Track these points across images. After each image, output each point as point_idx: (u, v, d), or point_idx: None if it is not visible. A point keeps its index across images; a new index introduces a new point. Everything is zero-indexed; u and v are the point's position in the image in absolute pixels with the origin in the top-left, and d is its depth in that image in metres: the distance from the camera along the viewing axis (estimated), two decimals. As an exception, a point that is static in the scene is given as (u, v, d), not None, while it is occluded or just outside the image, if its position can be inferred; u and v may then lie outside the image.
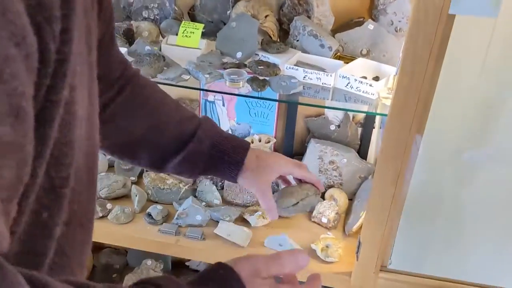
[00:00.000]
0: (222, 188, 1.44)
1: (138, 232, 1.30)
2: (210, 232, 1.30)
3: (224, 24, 1.30)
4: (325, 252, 1.21)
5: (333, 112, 1.37)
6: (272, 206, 0.82)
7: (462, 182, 1.19)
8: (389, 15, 1.21)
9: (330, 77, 1.12)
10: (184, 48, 1.22)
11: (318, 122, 1.41)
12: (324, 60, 1.19)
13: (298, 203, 0.86)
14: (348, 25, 1.25)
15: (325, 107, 1.32)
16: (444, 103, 1.05)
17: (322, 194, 1.13)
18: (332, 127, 1.40)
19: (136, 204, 1.35)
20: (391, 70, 1.15)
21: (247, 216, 1.34)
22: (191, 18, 1.34)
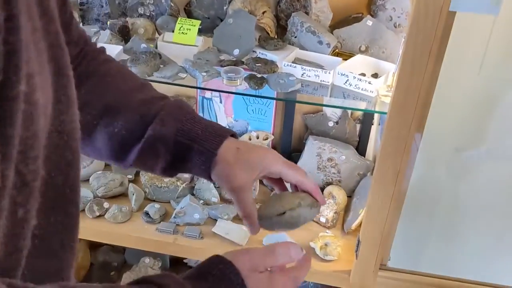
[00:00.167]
0: (220, 186, 1.43)
1: (135, 231, 1.30)
2: (208, 230, 1.30)
3: (220, 20, 1.29)
4: (324, 250, 1.21)
5: (331, 108, 1.36)
6: (250, 213, 0.66)
7: (461, 180, 1.18)
8: (388, 11, 1.20)
9: (328, 74, 1.11)
10: (180, 45, 1.20)
11: (316, 118, 1.40)
12: (322, 57, 1.18)
13: (284, 214, 0.66)
14: (346, 20, 1.23)
15: (323, 105, 1.31)
16: (443, 101, 1.04)
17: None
18: (330, 124, 1.39)
19: (133, 202, 1.34)
20: (390, 67, 1.14)
21: (245, 214, 1.33)
22: (187, 14, 1.32)
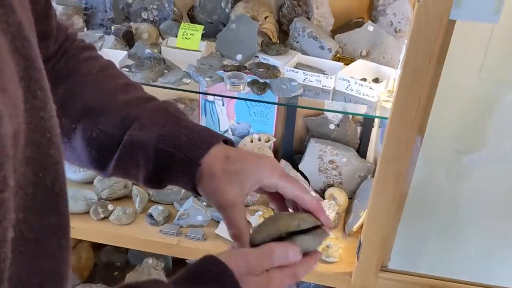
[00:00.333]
0: (222, 187, 1.45)
1: (139, 233, 1.31)
2: (211, 232, 1.32)
3: (223, 25, 1.30)
4: (325, 252, 1.23)
5: (331, 113, 1.38)
6: (240, 234, 0.56)
7: (461, 182, 1.20)
8: (388, 16, 1.21)
9: (330, 79, 1.13)
10: (184, 50, 1.22)
11: (317, 121, 1.42)
12: (324, 62, 1.19)
13: (280, 239, 0.55)
14: (347, 25, 1.25)
15: (324, 110, 1.33)
16: (444, 104, 1.06)
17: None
18: (331, 127, 1.40)
19: (137, 205, 1.36)
20: (391, 72, 1.15)
21: (248, 216, 1.35)
22: (190, 19, 1.34)
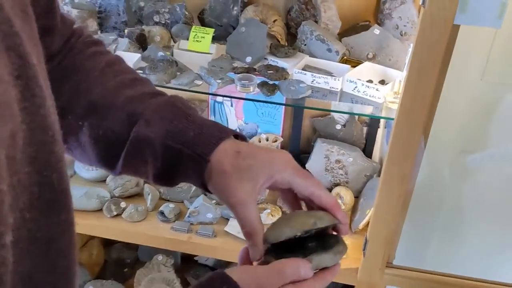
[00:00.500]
0: (231, 186, 1.49)
1: (151, 229, 1.35)
2: (220, 229, 1.35)
3: (233, 28, 1.34)
4: (332, 249, 1.26)
5: (338, 114, 1.41)
6: (253, 232, 0.53)
7: (464, 182, 1.23)
8: (394, 20, 1.24)
9: (337, 81, 1.16)
10: (195, 52, 1.25)
11: (324, 121, 1.45)
12: (331, 64, 1.23)
13: (296, 238, 0.53)
14: (354, 29, 1.28)
15: (331, 111, 1.36)
16: (448, 106, 1.09)
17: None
18: (338, 127, 1.44)
19: (149, 202, 1.40)
20: (397, 74, 1.19)
21: (256, 213, 1.38)
22: (201, 22, 1.38)
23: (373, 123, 1.43)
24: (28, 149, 0.38)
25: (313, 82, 1.17)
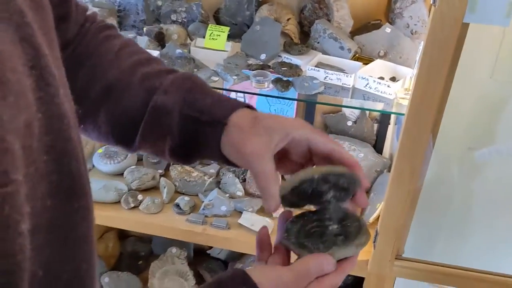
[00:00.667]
0: (244, 180, 1.53)
1: (167, 221, 1.39)
2: (234, 222, 1.39)
3: (247, 26, 1.38)
4: (343, 241, 1.29)
5: (350, 109, 1.45)
6: (270, 183, 0.52)
7: (472, 177, 1.26)
8: (405, 19, 1.28)
9: (350, 78, 1.19)
10: (211, 50, 1.30)
11: (335, 118, 1.49)
12: (343, 61, 1.26)
13: (313, 194, 0.51)
14: (366, 27, 1.32)
15: (343, 106, 1.40)
16: (457, 103, 1.12)
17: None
18: (349, 123, 1.47)
19: (165, 195, 1.44)
20: (407, 71, 1.22)
21: (269, 207, 1.42)
22: (216, 20, 1.42)
23: (383, 120, 1.46)
24: (44, 138, 0.39)
25: (326, 78, 1.21)
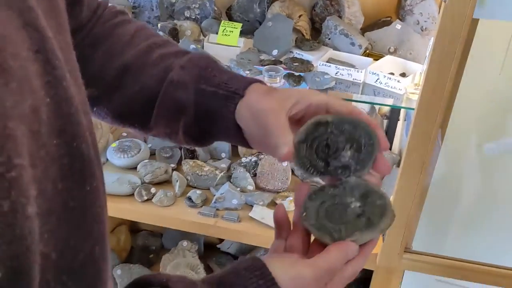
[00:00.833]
0: (254, 175, 1.55)
1: (179, 214, 1.42)
2: (245, 215, 1.41)
3: (259, 23, 1.40)
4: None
5: (360, 105, 1.46)
6: (285, 136, 0.50)
7: (481, 171, 1.28)
8: (415, 15, 1.29)
9: (360, 73, 1.21)
10: (224, 46, 1.32)
11: (345, 114, 1.51)
12: (354, 57, 1.28)
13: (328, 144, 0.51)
14: (376, 24, 1.34)
15: (353, 101, 1.42)
16: (466, 99, 1.13)
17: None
18: (359, 119, 1.49)
19: (177, 188, 1.47)
20: (417, 67, 1.24)
21: (279, 201, 1.44)
22: (229, 17, 1.44)
23: (393, 116, 1.48)
24: (55, 122, 0.39)
25: (337, 74, 1.23)
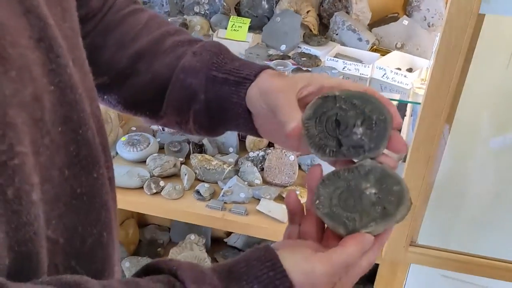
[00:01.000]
0: (262, 169, 1.57)
1: (188, 206, 1.44)
2: (252, 208, 1.43)
3: (267, 18, 1.42)
4: (359, 228, 1.33)
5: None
6: (290, 116, 0.49)
7: (487, 166, 1.29)
8: (422, 11, 1.31)
9: (367, 68, 1.23)
10: (233, 41, 1.34)
11: (352, 109, 1.52)
12: (361, 52, 1.30)
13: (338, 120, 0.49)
14: (384, 20, 1.35)
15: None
16: (473, 94, 1.14)
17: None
18: (365, 114, 1.50)
19: (185, 182, 1.49)
20: (424, 62, 1.25)
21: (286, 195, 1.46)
22: (237, 12, 1.46)
23: (399, 111, 1.49)
24: (59, 109, 0.39)
25: (344, 69, 1.24)
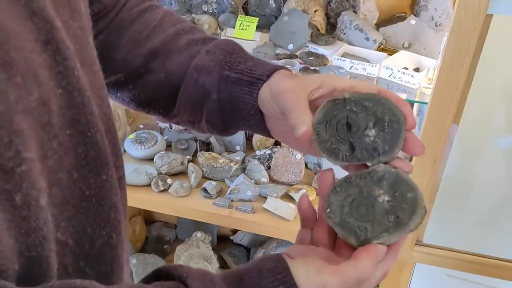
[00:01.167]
0: (269, 168, 1.58)
1: (195, 204, 1.45)
2: (259, 206, 1.44)
3: (275, 17, 1.42)
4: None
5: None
6: (301, 117, 0.47)
7: (494, 166, 1.29)
8: (430, 11, 1.31)
9: (374, 67, 1.23)
10: (241, 39, 1.35)
11: (359, 108, 1.53)
12: (368, 52, 1.30)
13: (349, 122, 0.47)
14: (391, 19, 1.35)
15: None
16: (480, 93, 1.14)
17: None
18: (372, 114, 1.51)
19: (192, 180, 1.50)
20: (431, 62, 1.25)
21: (292, 193, 1.47)
22: (245, 12, 1.47)
23: (406, 111, 1.50)
24: (67, 112, 0.39)
25: (351, 68, 1.25)
